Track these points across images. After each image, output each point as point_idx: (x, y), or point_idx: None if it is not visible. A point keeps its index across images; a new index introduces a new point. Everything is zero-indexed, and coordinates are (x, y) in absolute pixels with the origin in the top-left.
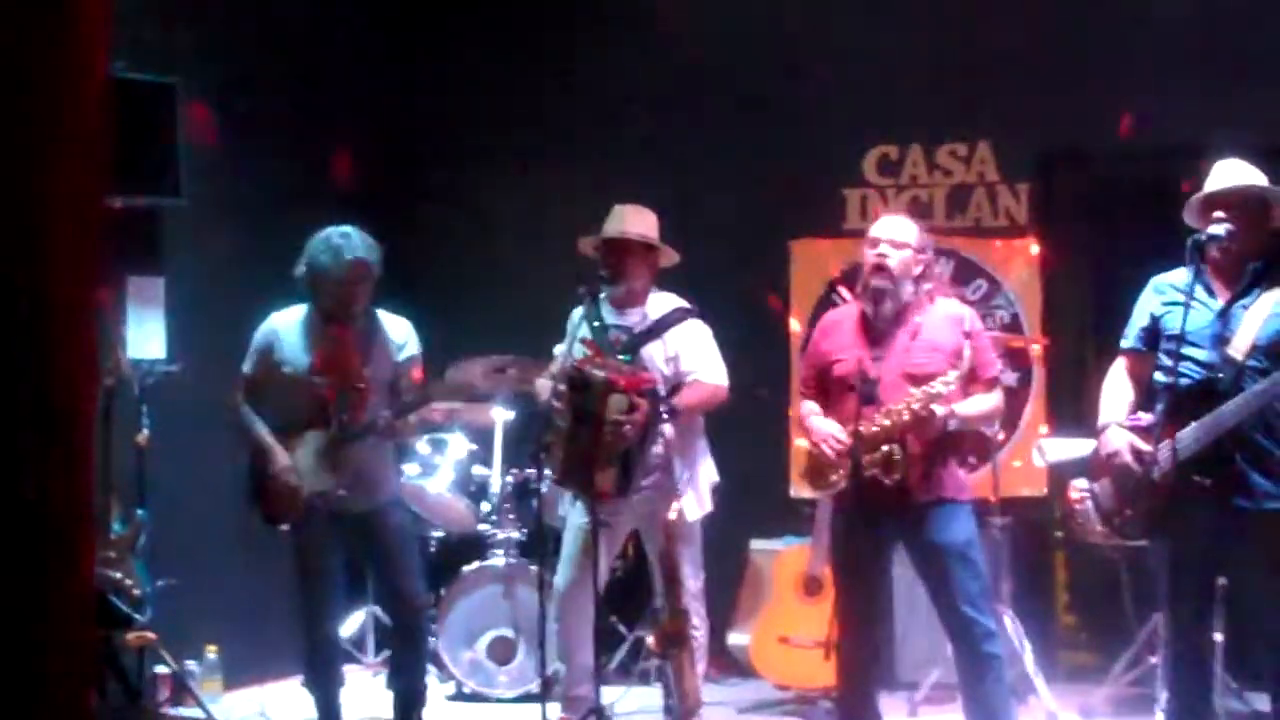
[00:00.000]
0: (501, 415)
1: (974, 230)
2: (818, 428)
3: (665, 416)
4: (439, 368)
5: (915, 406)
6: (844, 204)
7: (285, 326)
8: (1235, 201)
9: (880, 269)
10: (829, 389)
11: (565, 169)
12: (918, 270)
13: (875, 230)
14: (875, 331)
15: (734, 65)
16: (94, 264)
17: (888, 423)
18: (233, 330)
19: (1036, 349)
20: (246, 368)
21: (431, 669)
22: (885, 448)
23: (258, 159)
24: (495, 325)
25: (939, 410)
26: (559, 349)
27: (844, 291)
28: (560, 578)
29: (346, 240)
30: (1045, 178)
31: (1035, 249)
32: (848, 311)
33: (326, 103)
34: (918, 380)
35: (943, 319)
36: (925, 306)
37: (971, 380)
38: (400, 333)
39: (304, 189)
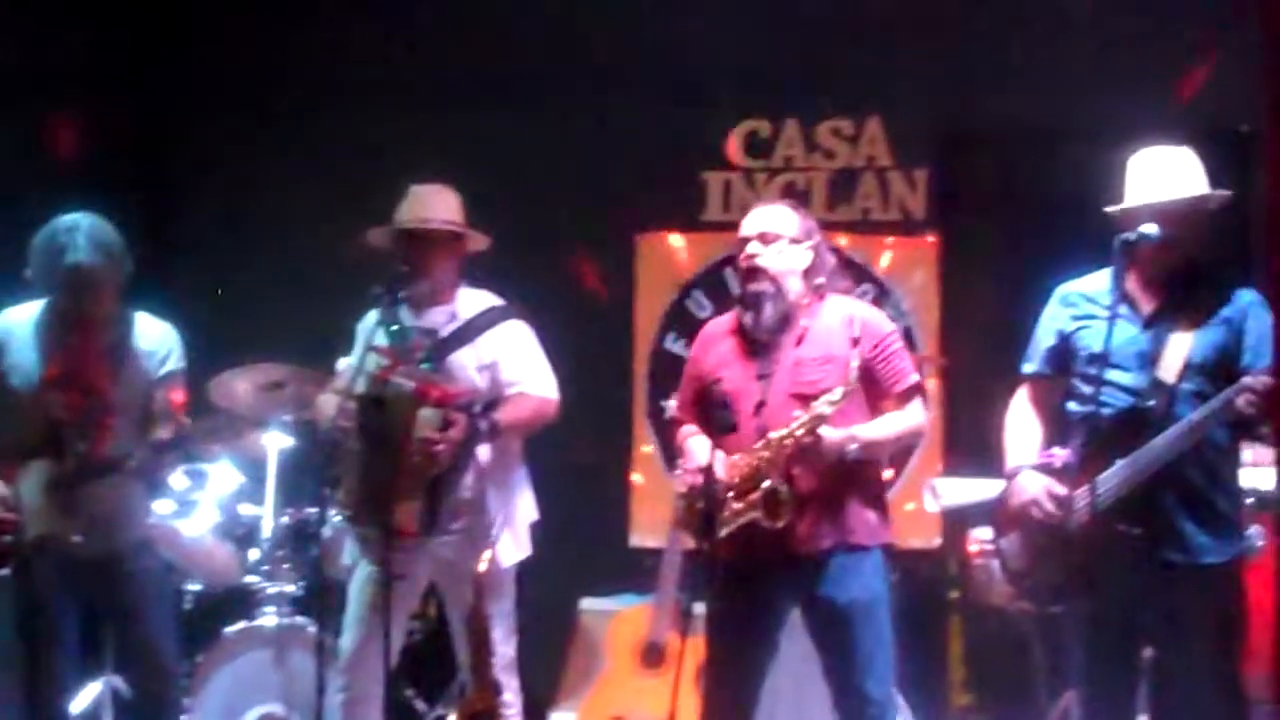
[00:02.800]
0: (276, 442)
1: (861, 224)
2: (693, 454)
3: (485, 435)
4: (198, 385)
5: (800, 433)
6: (703, 190)
7: (17, 326)
8: (1174, 210)
9: (754, 272)
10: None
11: (359, 141)
12: (803, 264)
13: (743, 227)
14: (758, 344)
15: (567, 22)
16: None
17: (768, 454)
18: None
19: (932, 368)
20: None
21: None
22: (767, 484)
23: None
24: (267, 330)
25: (830, 435)
26: (344, 362)
27: (702, 298)
28: (344, 641)
29: (71, 239)
30: (947, 162)
31: (935, 248)
32: (724, 322)
33: (60, 51)
34: (809, 401)
35: (835, 322)
36: (816, 308)
37: (880, 395)
38: (160, 343)
39: (27, 157)
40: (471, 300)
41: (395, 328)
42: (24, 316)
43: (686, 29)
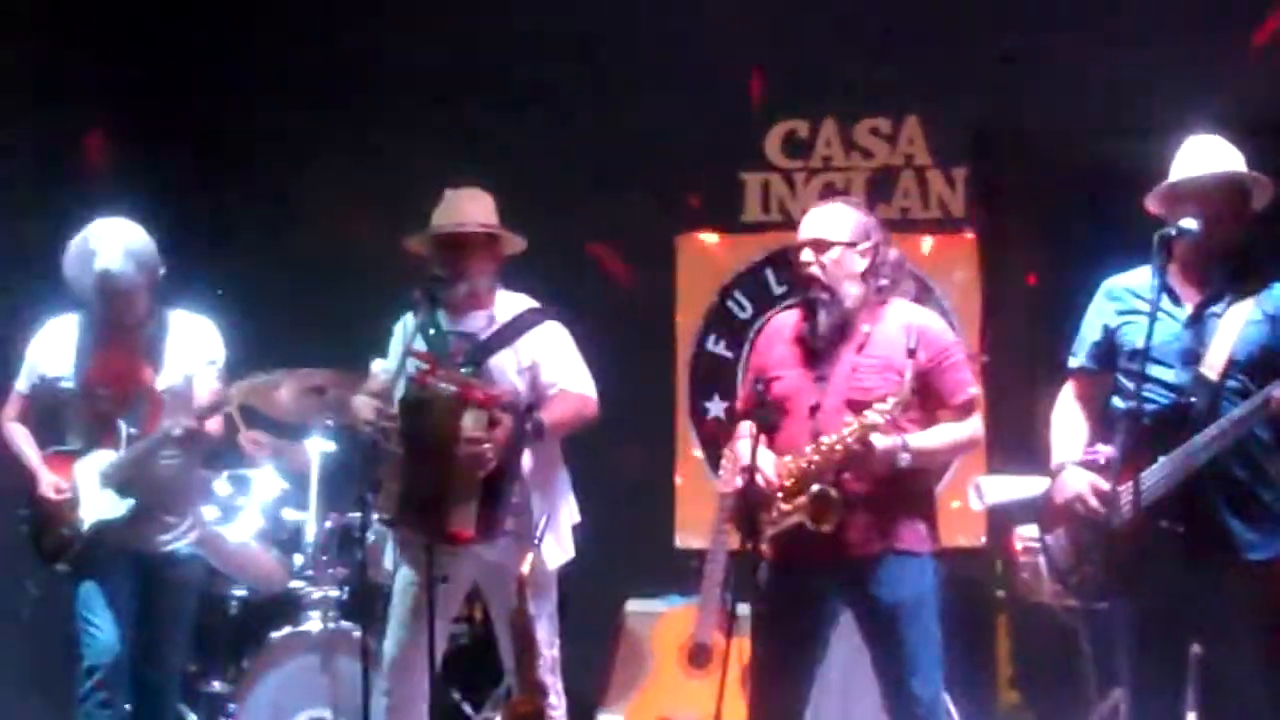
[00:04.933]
0: (319, 448)
1: (900, 223)
2: (743, 456)
3: (531, 435)
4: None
5: (849, 440)
6: (742, 191)
7: (60, 335)
8: (1210, 190)
9: (807, 280)
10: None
11: (398, 146)
12: (861, 267)
13: (801, 229)
14: (817, 346)
15: (605, 23)
16: None
17: (818, 458)
18: None
19: (975, 366)
20: (20, 384)
21: None
22: (816, 488)
23: (25, 134)
24: (308, 334)
25: (881, 443)
26: (378, 364)
27: (742, 299)
28: (388, 645)
29: (100, 245)
30: (986, 160)
31: (974, 246)
32: (789, 318)
33: (103, 56)
34: (863, 407)
35: (895, 329)
36: (879, 312)
37: (937, 405)
38: (198, 337)
39: (65, 165)
40: (509, 303)
41: (434, 332)
42: (66, 325)
43: (724, 29)
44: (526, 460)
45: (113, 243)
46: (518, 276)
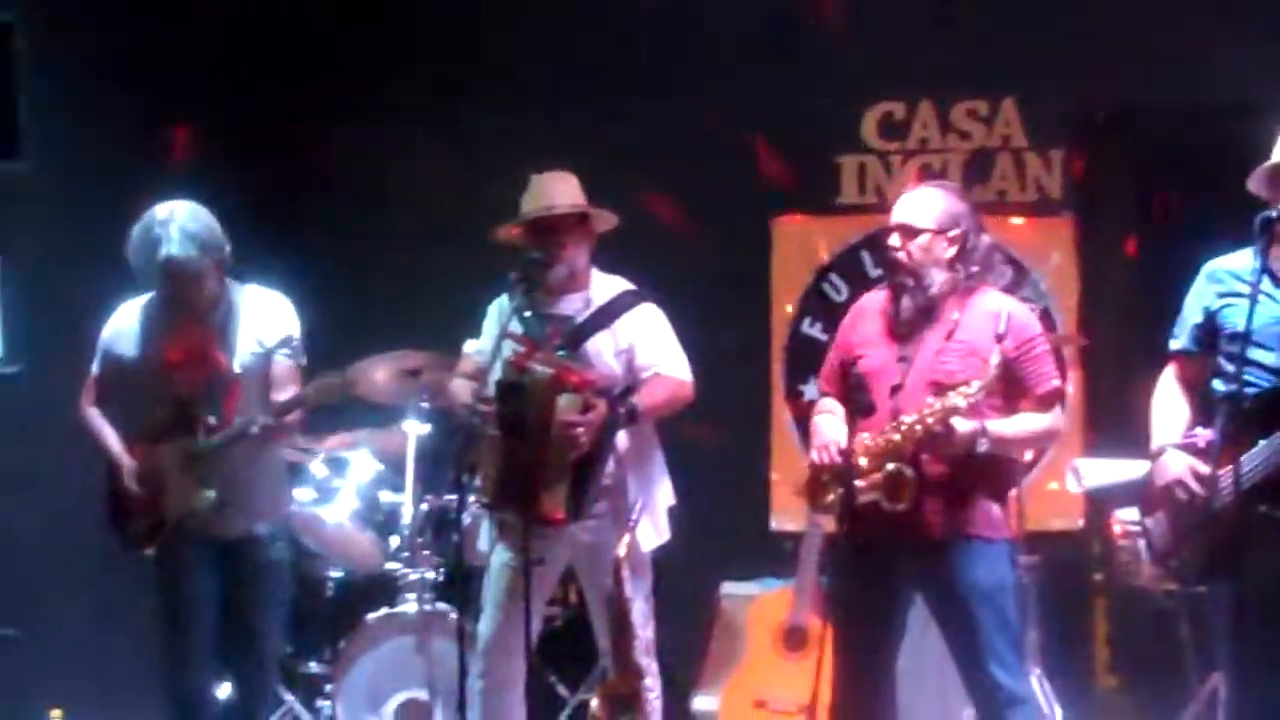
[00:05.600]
0: (414, 430)
1: (997, 205)
2: (821, 430)
3: (625, 419)
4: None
5: (930, 420)
6: (838, 173)
7: (132, 318)
8: None
9: (893, 265)
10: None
11: (492, 129)
12: (948, 253)
13: (893, 213)
14: (904, 327)
15: (699, 7)
16: None
17: (897, 437)
18: (86, 324)
19: (1072, 349)
20: (95, 368)
21: None
22: (892, 466)
23: (120, 114)
24: (403, 317)
25: (961, 427)
26: (471, 345)
27: (838, 281)
28: (482, 627)
29: (164, 231)
30: (1084, 143)
31: (1071, 229)
32: (878, 298)
33: (192, 41)
34: (945, 390)
35: (983, 316)
36: (968, 298)
37: (1020, 394)
38: (271, 312)
39: (176, 149)
40: (605, 286)
41: (530, 315)
42: (134, 309)
43: (821, 12)
44: (622, 442)
45: (175, 227)
46: (613, 259)
